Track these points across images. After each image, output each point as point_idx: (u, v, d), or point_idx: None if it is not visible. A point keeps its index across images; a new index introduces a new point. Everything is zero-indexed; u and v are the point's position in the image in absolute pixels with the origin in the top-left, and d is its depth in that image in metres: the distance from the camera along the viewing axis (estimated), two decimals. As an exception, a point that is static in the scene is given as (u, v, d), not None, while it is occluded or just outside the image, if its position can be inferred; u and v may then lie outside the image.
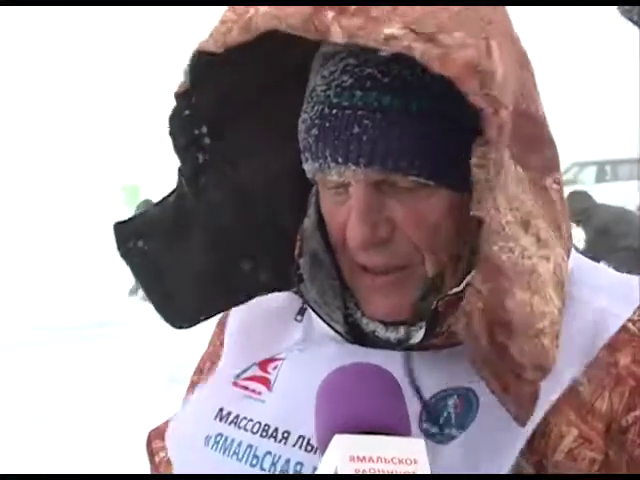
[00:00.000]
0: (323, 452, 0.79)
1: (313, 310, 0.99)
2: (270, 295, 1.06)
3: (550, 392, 0.87)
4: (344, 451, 0.76)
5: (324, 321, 0.99)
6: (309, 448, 0.92)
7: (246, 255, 1.03)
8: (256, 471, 0.93)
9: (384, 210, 0.91)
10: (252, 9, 0.85)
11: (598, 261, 1.17)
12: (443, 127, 0.88)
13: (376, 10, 0.80)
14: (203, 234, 1.03)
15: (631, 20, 9.47)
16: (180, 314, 1.05)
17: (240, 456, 0.95)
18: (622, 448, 0.88)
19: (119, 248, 1.02)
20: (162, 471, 1.08)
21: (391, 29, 0.79)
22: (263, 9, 0.84)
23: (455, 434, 0.89)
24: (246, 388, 1.00)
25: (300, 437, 0.92)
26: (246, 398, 0.99)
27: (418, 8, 0.81)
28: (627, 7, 9.48)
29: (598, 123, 27.85)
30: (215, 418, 0.99)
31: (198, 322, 1.05)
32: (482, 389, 0.88)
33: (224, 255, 1.03)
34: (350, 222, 0.91)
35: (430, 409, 0.90)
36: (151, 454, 1.10)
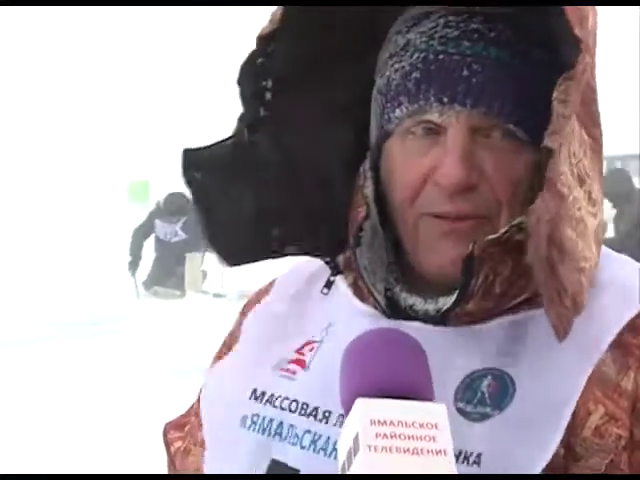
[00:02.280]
0: (347, 415, 0.80)
1: (360, 276, 1.00)
2: (302, 262, 1.09)
3: (578, 373, 0.89)
4: (365, 415, 0.77)
5: (368, 289, 1.00)
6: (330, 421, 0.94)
7: (285, 216, 1.05)
8: (296, 449, 0.95)
9: (476, 159, 0.93)
10: None
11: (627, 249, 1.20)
12: (540, 90, 0.92)
13: None
14: (251, 184, 1.05)
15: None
16: (228, 251, 1.06)
17: (280, 435, 0.97)
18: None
19: (183, 174, 1.04)
20: (178, 461, 1.09)
21: None
22: None
23: (490, 413, 0.90)
24: (283, 369, 1.01)
25: (340, 415, 0.93)
26: (282, 378, 1.00)
27: None
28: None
29: (606, 119, 27.78)
30: (250, 398, 1.01)
31: (244, 263, 1.07)
32: (518, 374, 0.90)
33: (266, 210, 1.05)
34: (446, 163, 0.93)
35: (465, 388, 0.91)
36: (167, 444, 1.12)
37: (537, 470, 0.86)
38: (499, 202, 0.94)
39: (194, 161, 1.04)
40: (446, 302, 0.95)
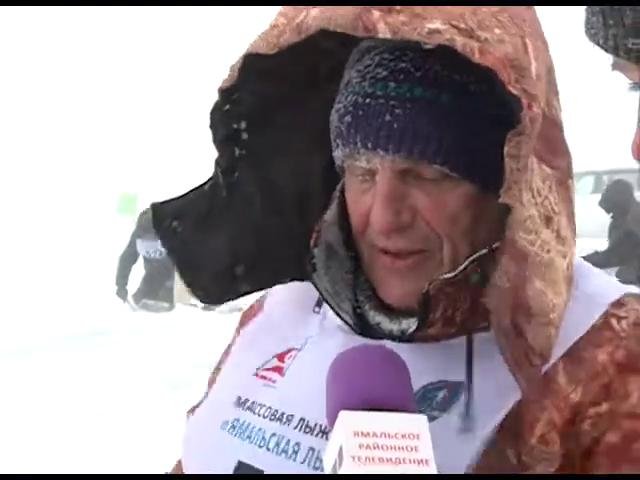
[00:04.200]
0: (332, 428, 0.83)
1: (324, 299, 1.04)
2: (292, 285, 1.12)
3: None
4: (348, 427, 0.79)
5: (334, 310, 1.04)
6: (307, 430, 0.96)
7: (272, 247, 1.09)
8: (263, 451, 0.98)
9: (408, 199, 0.96)
10: (303, 12, 0.92)
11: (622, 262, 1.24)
12: (472, 122, 0.93)
13: (419, 8, 0.87)
14: (233, 223, 1.08)
15: (597, 44, 9.46)
16: (208, 292, 1.11)
17: (252, 438, 1.00)
18: (577, 438, 0.91)
19: (155, 227, 1.07)
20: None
21: (435, 24, 0.86)
22: (314, 11, 0.91)
23: (436, 415, 0.93)
24: (264, 378, 1.05)
25: (301, 419, 0.97)
26: (264, 387, 1.04)
27: (460, 7, 0.87)
28: (592, 30, 9.44)
29: (595, 133, 27.88)
30: (234, 404, 1.04)
31: (224, 302, 1.12)
32: (473, 384, 0.92)
33: (252, 245, 1.08)
34: (375, 207, 0.96)
35: (420, 397, 0.94)
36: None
37: (464, 468, 0.89)
38: (439, 236, 0.96)
39: (170, 211, 1.07)
40: (409, 324, 0.99)
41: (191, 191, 1.08)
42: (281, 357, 1.06)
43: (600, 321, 0.96)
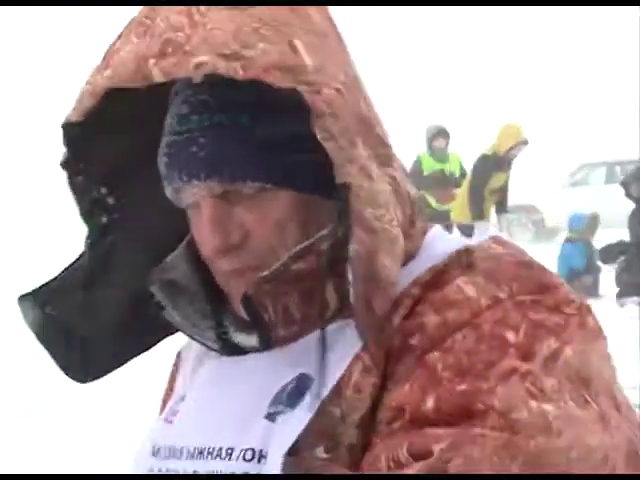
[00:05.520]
0: None
1: (183, 332, 1.08)
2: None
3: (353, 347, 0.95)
4: None
5: (196, 340, 1.07)
6: (200, 456, 0.99)
7: (156, 301, 1.08)
8: None
9: (234, 218, 0.99)
10: (97, 75, 0.97)
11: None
12: (275, 135, 0.97)
13: (189, 44, 0.92)
14: (115, 289, 1.10)
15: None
16: (90, 368, 1.11)
17: None
18: (394, 355, 0.95)
19: (25, 318, 1.08)
20: None
21: (200, 58, 0.91)
22: (105, 73, 0.96)
23: (283, 410, 0.96)
24: (167, 420, 1.07)
25: (194, 448, 1.00)
26: (166, 428, 1.06)
27: (225, 32, 0.92)
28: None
29: (608, 123, 27.79)
30: (151, 455, 1.06)
31: (108, 373, 1.12)
32: (318, 373, 0.95)
33: (138, 304, 1.08)
34: (203, 234, 1.00)
35: (276, 395, 0.97)
36: None
37: (299, 429, 0.92)
38: (272, 248, 0.99)
39: (41, 298, 1.08)
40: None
41: (60, 275, 1.10)
42: (183, 397, 1.08)
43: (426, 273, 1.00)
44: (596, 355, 0.95)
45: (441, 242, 1.04)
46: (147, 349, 1.14)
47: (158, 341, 1.14)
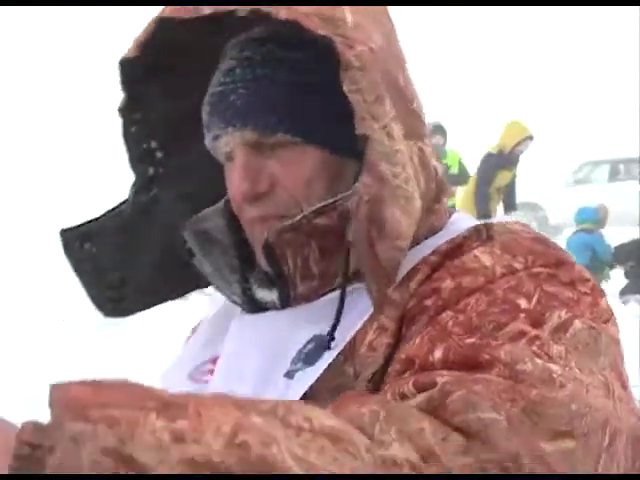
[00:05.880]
0: None
1: (210, 281, 1.13)
2: (221, 298, 1.18)
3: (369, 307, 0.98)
4: None
5: (221, 291, 1.12)
6: None
7: (188, 248, 1.14)
8: None
9: (264, 168, 1.04)
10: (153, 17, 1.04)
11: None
12: (311, 93, 1.03)
13: None
14: (152, 238, 1.16)
15: None
16: (119, 305, 1.16)
17: None
18: (409, 316, 0.97)
19: (65, 249, 1.14)
20: None
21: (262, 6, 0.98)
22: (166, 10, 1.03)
23: (301, 368, 0.99)
24: (198, 380, 1.10)
25: None
26: (198, 389, 1.08)
27: None
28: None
29: (611, 121, 27.75)
30: None
31: (135, 313, 1.18)
32: (337, 334, 0.99)
33: (172, 254, 1.14)
34: (233, 179, 1.05)
35: (296, 355, 1.00)
36: None
37: (308, 383, 0.96)
38: (297, 200, 1.03)
39: (78, 235, 1.14)
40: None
41: (102, 215, 1.15)
42: (213, 361, 1.10)
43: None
44: (606, 335, 0.95)
45: (464, 222, 1.07)
46: (177, 297, 1.19)
47: (187, 292, 1.20)
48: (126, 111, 1.12)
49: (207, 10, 0.99)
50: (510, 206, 10.17)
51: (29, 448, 0.71)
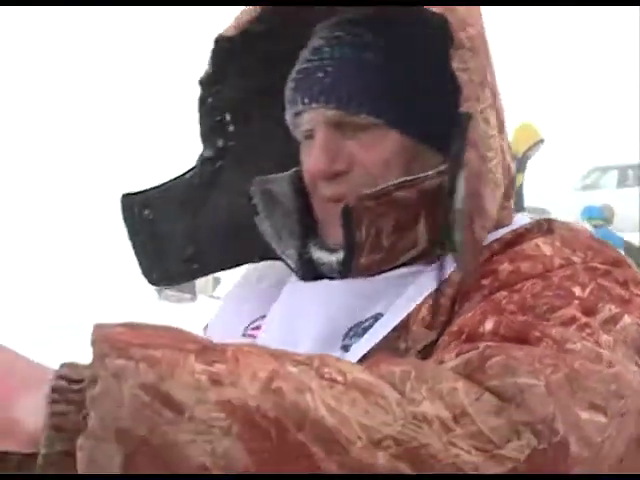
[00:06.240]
0: None
1: (266, 240, 1.14)
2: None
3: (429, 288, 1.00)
4: None
5: (277, 253, 1.13)
6: None
7: (243, 229, 1.15)
8: None
9: (343, 147, 1.06)
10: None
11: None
12: (397, 76, 1.04)
13: None
14: (213, 210, 1.17)
15: None
16: (167, 274, 1.18)
17: None
18: (463, 293, 0.99)
19: (124, 215, 1.15)
20: None
21: None
22: None
23: (357, 341, 1.00)
24: (252, 336, 1.11)
25: None
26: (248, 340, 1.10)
27: None
28: None
29: (620, 127, 27.70)
30: None
31: (183, 282, 1.20)
32: (387, 311, 1.01)
33: (233, 225, 1.17)
34: (311, 156, 1.06)
35: (352, 328, 1.01)
36: None
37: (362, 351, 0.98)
38: (374, 182, 1.04)
39: (138, 201, 1.16)
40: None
41: (169, 181, 1.17)
42: (264, 317, 1.11)
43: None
44: None
45: (526, 220, 1.10)
46: (231, 267, 1.21)
47: (241, 263, 1.21)
48: (206, 84, 1.14)
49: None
50: (518, 211, 10.11)
51: (66, 382, 0.74)
